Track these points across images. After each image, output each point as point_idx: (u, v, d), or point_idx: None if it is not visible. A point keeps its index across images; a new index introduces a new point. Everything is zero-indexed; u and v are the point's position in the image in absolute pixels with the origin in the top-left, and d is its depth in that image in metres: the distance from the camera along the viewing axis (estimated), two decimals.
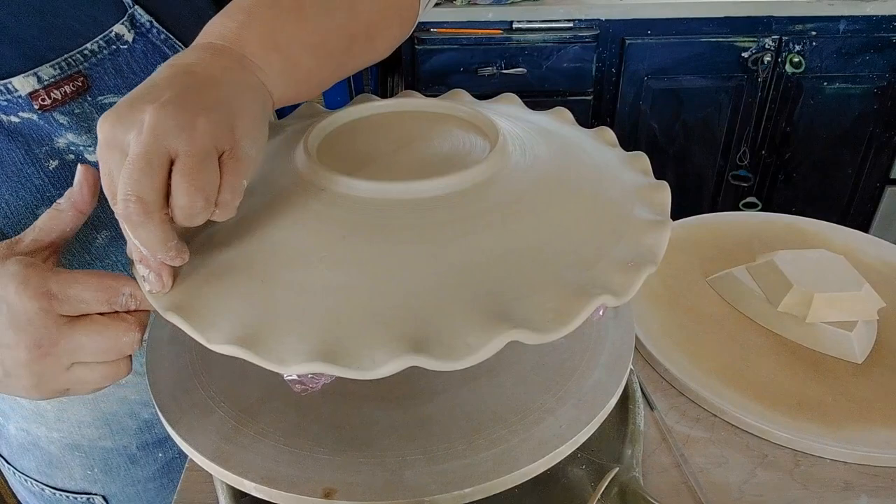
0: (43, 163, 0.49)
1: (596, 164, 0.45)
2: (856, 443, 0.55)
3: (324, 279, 0.36)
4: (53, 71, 0.47)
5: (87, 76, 0.49)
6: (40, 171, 0.49)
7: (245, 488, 0.38)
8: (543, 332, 0.33)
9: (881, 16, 1.67)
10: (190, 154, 0.33)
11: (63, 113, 0.48)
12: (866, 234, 0.80)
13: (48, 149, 0.49)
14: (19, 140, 0.48)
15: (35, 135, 0.49)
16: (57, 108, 0.48)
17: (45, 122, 0.48)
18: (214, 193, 0.34)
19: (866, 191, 1.89)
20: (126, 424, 0.64)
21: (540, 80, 1.72)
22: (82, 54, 0.49)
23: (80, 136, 0.50)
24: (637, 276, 0.36)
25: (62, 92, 0.48)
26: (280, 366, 0.33)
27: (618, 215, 0.41)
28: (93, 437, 0.64)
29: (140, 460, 0.67)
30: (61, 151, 0.50)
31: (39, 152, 0.49)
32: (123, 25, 0.50)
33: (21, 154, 0.48)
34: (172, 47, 0.53)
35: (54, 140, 0.49)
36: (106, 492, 0.68)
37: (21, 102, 0.47)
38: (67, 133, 0.49)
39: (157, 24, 0.52)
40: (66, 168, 0.50)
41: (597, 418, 0.41)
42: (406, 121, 0.49)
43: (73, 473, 0.66)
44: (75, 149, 0.50)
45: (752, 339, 0.66)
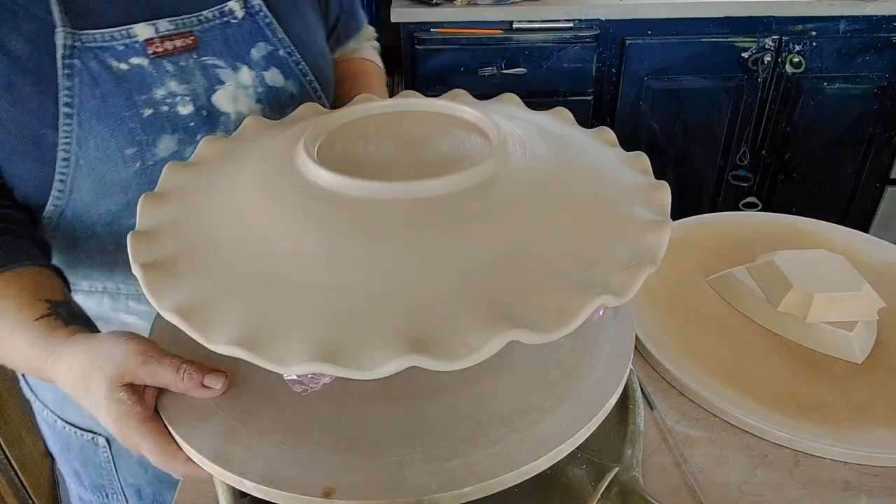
0: (139, 109, 0.56)
1: (596, 165, 0.45)
2: (856, 443, 0.55)
3: (323, 280, 0.36)
4: (169, 25, 0.56)
5: (198, 37, 0.58)
6: (136, 117, 0.55)
7: (245, 488, 0.38)
8: (543, 332, 0.33)
9: (881, 16, 1.67)
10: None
11: (170, 62, 0.56)
12: (866, 234, 0.80)
13: (146, 97, 0.56)
14: (124, 86, 0.55)
15: (138, 83, 0.55)
16: (166, 56, 0.56)
17: (154, 68, 0.56)
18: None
19: (866, 191, 1.89)
20: None
21: (540, 80, 1.71)
22: (197, 18, 0.58)
23: (180, 85, 0.57)
24: (637, 276, 0.36)
25: (173, 44, 0.56)
26: (280, 366, 0.33)
27: (618, 215, 0.41)
28: None
29: None
30: (157, 102, 0.56)
31: (138, 100, 0.55)
32: (237, 3, 0.60)
33: (122, 99, 0.55)
34: (273, 30, 0.62)
35: (153, 90, 0.56)
36: (109, 434, 0.70)
37: (137, 48, 0.55)
38: (170, 81, 0.57)
39: (265, 8, 0.61)
40: (158, 117, 0.56)
41: (596, 418, 0.41)
42: (406, 121, 0.49)
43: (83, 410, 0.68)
44: (171, 100, 0.57)
45: (752, 339, 0.66)
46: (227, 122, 0.61)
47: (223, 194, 0.44)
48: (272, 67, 0.62)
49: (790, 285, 0.65)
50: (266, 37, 0.61)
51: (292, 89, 0.64)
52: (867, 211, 1.92)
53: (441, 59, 1.68)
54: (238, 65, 0.60)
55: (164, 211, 0.44)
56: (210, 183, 0.46)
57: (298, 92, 0.65)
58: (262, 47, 0.61)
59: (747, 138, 1.82)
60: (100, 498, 0.77)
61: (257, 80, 0.61)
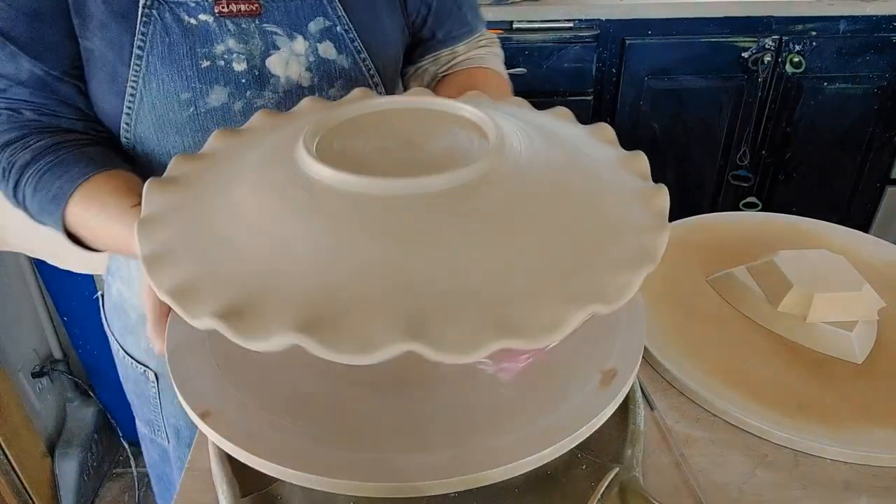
0: (199, 60, 0.63)
1: (595, 166, 0.45)
2: (856, 443, 0.55)
3: (313, 271, 0.36)
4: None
5: (262, 5, 0.64)
6: (194, 66, 0.63)
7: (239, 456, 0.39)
8: (532, 340, 0.33)
9: (881, 16, 1.66)
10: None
11: (233, 22, 0.63)
12: (866, 234, 0.80)
13: (207, 51, 0.63)
14: (189, 37, 0.62)
15: (202, 37, 0.62)
16: (230, 17, 0.63)
17: (217, 25, 0.62)
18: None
19: (866, 191, 1.89)
20: None
21: (540, 80, 1.71)
22: None
23: (238, 44, 0.63)
24: (630, 285, 0.36)
25: (238, 7, 0.63)
26: (258, 341, 0.33)
27: (614, 219, 0.40)
28: None
29: None
30: (215, 56, 0.63)
31: (199, 52, 0.62)
32: None
33: (186, 48, 0.62)
34: (332, 6, 0.66)
35: (214, 45, 0.63)
36: (159, 370, 0.79)
37: (205, 5, 0.62)
38: (229, 39, 0.63)
39: None
40: (213, 70, 0.63)
41: (596, 419, 0.41)
42: (407, 118, 0.49)
43: (140, 343, 0.78)
44: (228, 56, 0.63)
45: (752, 339, 0.66)
46: (276, 84, 0.66)
47: (226, 186, 0.44)
48: (326, 41, 0.66)
49: (790, 285, 0.65)
50: (326, 13, 0.66)
51: (344, 63, 0.68)
52: (867, 211, 1.92)
53: None
54: (295, 34, 0.65)
55: (168, 198, 0.45)
56: (214, 175, 0.46)
57: (350, 67, 0.68)
58: (320, 21, 0.66)
59: (747, 138, 1.82)
60: (150, 432, 0.85)
61: (310, 51, 0.66)
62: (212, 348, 0.46)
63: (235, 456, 0.40)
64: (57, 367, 1.59)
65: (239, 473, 0.47)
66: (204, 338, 0.47)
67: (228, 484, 0.46)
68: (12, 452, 1.37)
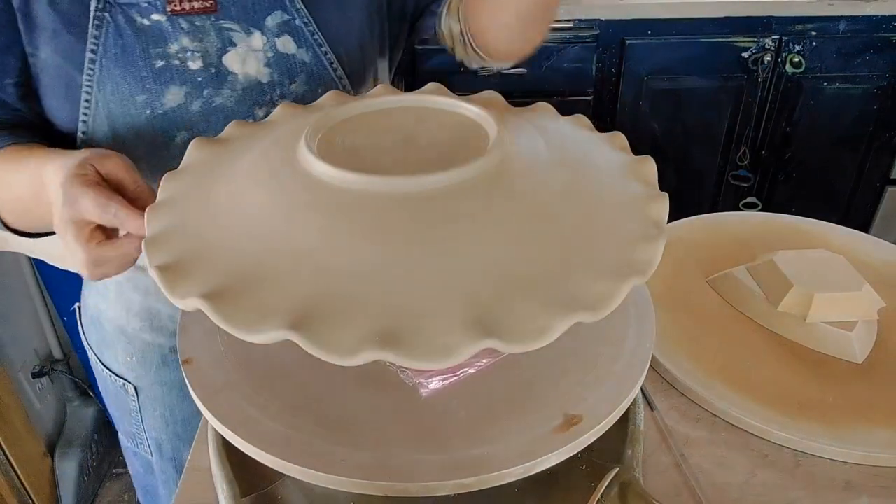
0: (153, 61, 0.61)
1: (599, 171, 0.45)
2: (856, 443, 0.55)
3: (305, 267, 0.36)
4: None
5: (217, 1, 0.62)
6: (148, 67, 0.61)
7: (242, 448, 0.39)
8: (517, 344, 0.33)
9: (881, 16, 1.66)
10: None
11: (186, 20, 0.61)
12: (866, 234, 0.80)
13: (161, 51, 0.61)
14: (142, 38, 0.61)
15: (155, 37, 0.61)
16: (183, 15, 0.61)
17: (170, 24, 0.61)
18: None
19: (866, 191, 1.89)
20: (165, 324, 0.74)
21: (540, 80, 1.71)
22: None
23: (193, 42, 0.62)
24: (618, 293, 0.36)
25: (191, 5, 0.61)
26: (246, 332, 0.34)
27: (610, 226, 0.40)
28: (136, 326, 0.74)
29: (171, 363, 0.76)
30: (170, 55, 0.62)
31: (153, 52, 0.61)
32: None
33: (140, 49, 0.61)
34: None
35: (168, 45, 0.61)
36: (138, 383, 0.78)
37: (158, 5, 0.60)
38: (183, 37, 0.61)
39: None
40: (168, 70, 0.62)
41: (598, 427, 0.41)
42: (409, 116, 0.49)
43: (118, 356, 0.78)
44: (182, 55, 0.62)
45: (752, 339, 0.66)
46: (234, 82, 0.64)
47: (232, 176, 0.45)
48: (285, 35, 0.65)
49: (790, 285, 0.65)
50: (284, 6, 0.64)
51: (304, 58, 0.66)
52: (867, 211, 1.92)
53: (441, 58, 1.68)
54: (252, 30, 0.64)
55: (179, 186, 0.46)
56: (224, 164, 0.47)
57: (311, 61, 0.67)
58: (277, 15, 0.64)
59: (747, 138, 1.82)
60: (132, 444, 0.84)
61: (268, 46, 0.65)
62: (222, 344, 0.47)
63: (237, 445, 0.40)
64: (57, 367, 1.59)
65: (239, 473, 0.47)
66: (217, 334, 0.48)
67: (228, 484, 0.46)
68: (12, 452, 1.37)
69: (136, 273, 0.71)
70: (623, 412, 0.43)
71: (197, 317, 0.47)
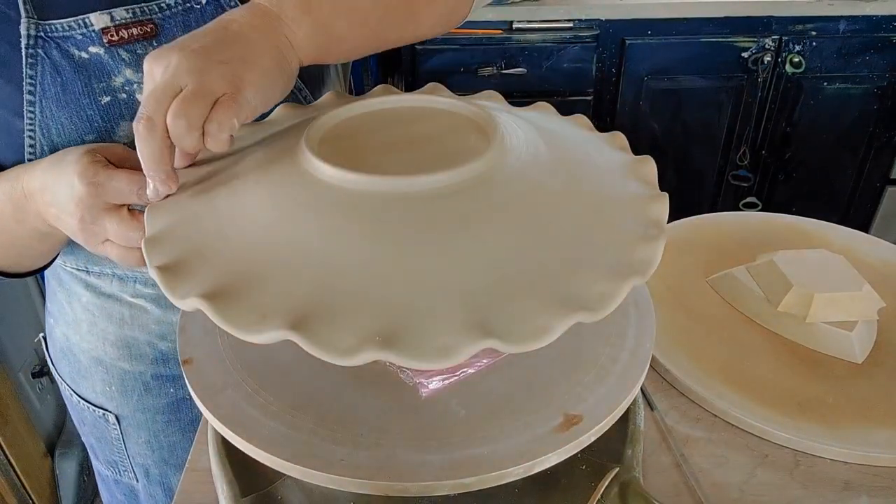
0: (97, 97, 0.56)
1: (599, 171, 0.45)
2: (856, 443, 0.55)
3: (306, 267, 0.36)
4: (126, 14, 0.55)
5: (158, 25, 0.56)
6: (94, 104, 0.56)
7: (242, 448, 0.39)
8: (516, 344, 0.33)
9: (881, 16, 1.67)
10: (189, 90, 0.40)
11: (127, 50, 0.56)
12: (866, 234, 0.80)
13: (105, 85, 0.56)
14: (83, 73, 0.55)
15: (97, 71, 0.56)
16: (123, 45, 0.56)
17: (110, 56, 0.55)
18: (198, 123, 0.41)
19: (866, 191, 1.89)
20: (144, 352, 0.70)
21: (540, 80, 1.71)
22: (158, 6, 0.56)
23: (136, 73, 0.57)
24: (618, 293, 0.36)
25: (129, 33, 0.55)
26: (242, 330, 0.34)
27: (609, 226, 0.40)
28: (114, 356, 0.70)
29: (153, 390, 0.72)
30: (115, 89, 0.56)
31: (97, 87, 0.56)
32: None
33: (81, 86, 0.55)
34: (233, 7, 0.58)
35: (112, 77, 0.56)
36: (119, 412, 0.74)
37: (93, 37, 0.55)
38: (126, 69, 0.56)
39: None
40: (115, 105, 0.57)
41: (598, 427, 0.41)
42: (410, 117, 0.49)
43: (95, 387, 0.73)
44: (129, 87, 0.57)
45: (752, 339, 0.66)
46: None
47: (232, 177, 0.45)
48: None
49: (790, 285, 0.65)
50: None
51: None
52: (867, 211, 1.92)
53: (441, 58, 1.68)
54: None
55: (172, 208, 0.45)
56: (226, 164, 0.47)
57: None
58: None
59: (747, 138, 1.82)
60: (114, 473, 0.80)
61: None
62: (222, 344, 0.47)
63: (237, 445, 0.40)
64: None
65: (239, 474, 0.47)
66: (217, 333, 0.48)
67: (228, 484, 0.46)
68: (12, 452, 1.37)
69: (109, 302, 0.67)
70: (623, 412, 0.43)
71: (197, 317, 0.47)
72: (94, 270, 0.67)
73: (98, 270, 0.67)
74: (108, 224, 0.46)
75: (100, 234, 0.47)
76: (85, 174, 0.45)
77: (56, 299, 0.72)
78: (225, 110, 0.41)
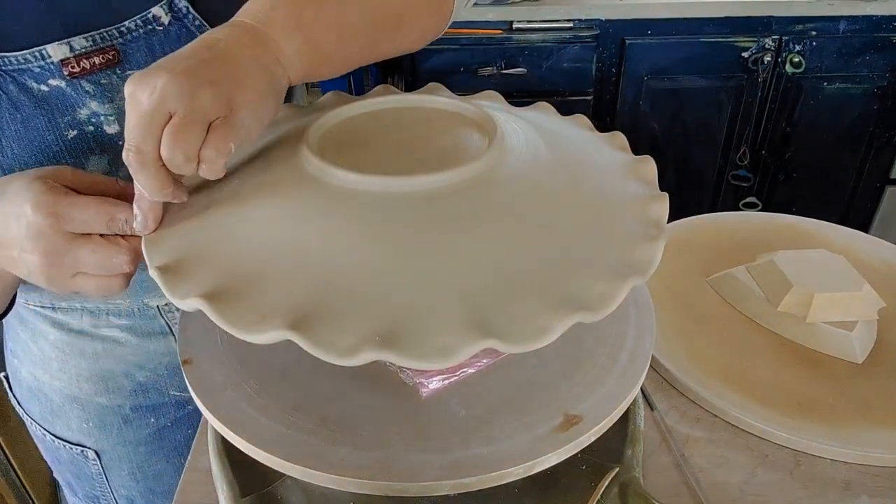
0: (63, 132, 0.52)
1: (599, 171, 0.45)
2: (856, 443, 0.55)
3: (306, 267, 0.36)
4: (86, 42, 0.51)
5: (120, 51, 0.52)
6: (59, 140, 0.52)
7: (242, 448, 0.39)
8: (516, 344, 0.33)
9: (881, 16, 1.67)
10: (181, 116, 0.37)
11: (90, 81, 0.52)
12: (866, 234, 0.80)
13: (70, 119, 0.52)
14: (45, 108, 0.51)
15: (60, 104, 0.52)
16: (85, 76, 0.51)
17: (72, 89, 0.51)
18: (193, 151, 0.37)
19: (866, 191, 1.89)
20: (121, 384, 0.67)
21: (540, 80, 1.71)
22: (118, 31, 0.52)
23: (103, 104, 0.53)
24: (618, 293, 0.36)
25: (91, 62, 0.51)
26: (251, 332, 0.34)
27: (609, 226, 0.40)
28: (89, 391, 0.67)
29: (133, 422, 0.69)
30: (81, 122, 0.53)
31: (61, 122, 0.52)
32: (162, 8, 0.54)
33: (45, 122, 0.51)
34: (203, 31, 0.55)
35: (77, 110, 0.52)
36: (99, 447, 0.70)
37: (52, 69, 0.50)
38: (91, 101, 0.52)
39: (192, 10, 0.55)
40: (83, 139, 0.53)
41: (598, 427, 0.41)
42: (410, 117, 0.49)
43: (71, 424, 0.69)
44: (96, 119, 0.53)
45: (753, 339, 0.66)
46: None
47: (232, 177, 0.45)
48: None
49: (790, 285, 0.65)
50: (194, 37, 0.54)
51: None
52: (867, 211, 1.93)
53: (441, 58, 1.68)
54: None
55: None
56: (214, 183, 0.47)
57: None
58: None
59: (747, 138, 1.82)
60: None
61: None
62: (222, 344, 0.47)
63: (237, 445, 0.40)
64: None
65: (239, 474, 0.47)
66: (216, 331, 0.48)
67: (228, 484, 0.46)
68: (12, 452, 1.37)
69: (80, 339, 0.64)
70: (623, 412, 0.43)
71: (197, 317, 0.47)
72: (60, 307, 0.64)
73: (66, 306, 0.64)
74: (81, 254, 0.41)
75: (70, 267, 0.42)
76: (42, 204, 0.40)
77: (19, 339, 0.68)
78: (221, 136, 0.38)
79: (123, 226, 0.41)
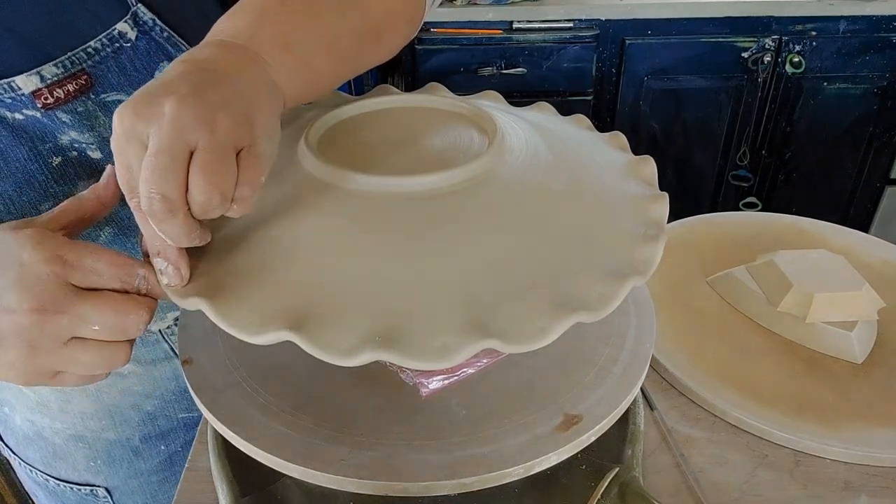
0: (46, 159, 0.49)
1: (599, 171, 0.45)
2: (856, 443, 0.55)
3: (303, 266, 0.36)
4: (56, 70, 0.47)
5: (91, 74, 0.49)
6: (44, 168, 0.49)
7: (242, 448, 0.39)
8: (516, 344, 0.33)
9: (881, 16, 1.67)
10: (209, 150, 0.33)
11: (66, 111, 0.49)
12: (866, 234, 0.80)
13: (52, 146, 0.49)
14: (24, 137, 0.48)
15: (39, 132, 0.49)
16: (60, 106, 0.48)
17: (49, 119, 0.48)
18: (231, 190, 0.33)
19: (866, 191, 1.89)
20: (129, 416, 0.65)
21: (540, 80, 1.72)
22: (86, 52, 0.49)
23: (83, 133, 0.50)
24: (618, 293, 0.36)
25: (65, 90, 0.48)
26: (251, 332, 0.34)
27: (609, 226, 0.40)
28: (96, 428, 0.64)
29: (143, 453, 0.67)
30: (64, 149, 0.50)
31: (43, 149, 0.49)
32: (126, 23, 0.50)
33: (25, 151, 0.48)
34: (176, 45, 0.53)
35: (58, 137, 0.49)
36: (109, 484, 0.68)
37: (24, 100, 0.47)
38: (70, 131, 0.49)
39: (160, 22, 0.52)
40: (70, 164, 0.50)
41: (598, 427, 0.41)
42: (410, 116, 0.49)
43: (77, 465, 0.67)
44: (78, 146, 0.50)
45: (752, 339, 0.66)
46: None
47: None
48: None
49: (790, 285, 0.65)
50: (168, 53, 0.53)
51: None
52: (867, 211, 1.93)
53: (441, 58, 1.68)
54: None
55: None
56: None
57: None
58: (165, 66, 0.52)
59: (747, 138, 1.82)
60: None
61: None
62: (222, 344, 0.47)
63: (237, 445, 0.40)
64: None
65: (239, 473, 0.47)
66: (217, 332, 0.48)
67: (228, 484, 0.46)
68: None
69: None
70: (623, 412, 0.43)
71: (197, 317, 0.47)
72: None
73: None
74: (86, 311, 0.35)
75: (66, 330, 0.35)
76: (45, 246, 0.35)
77: (9, 386, 0.64)
78: (252, 169, 0.34)
79: (141, 282, 0.36)
